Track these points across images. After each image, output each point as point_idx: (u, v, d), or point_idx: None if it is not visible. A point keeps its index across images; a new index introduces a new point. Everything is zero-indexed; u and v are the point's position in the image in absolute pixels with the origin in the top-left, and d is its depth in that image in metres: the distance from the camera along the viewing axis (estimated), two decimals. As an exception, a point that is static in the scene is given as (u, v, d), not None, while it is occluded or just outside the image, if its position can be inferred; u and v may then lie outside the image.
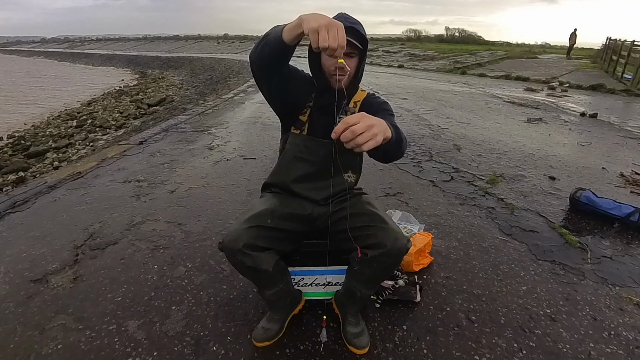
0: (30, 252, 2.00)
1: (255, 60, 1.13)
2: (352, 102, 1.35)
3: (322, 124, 1.32)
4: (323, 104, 1.32)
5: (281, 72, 1.19)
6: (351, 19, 1.22)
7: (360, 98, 1.37)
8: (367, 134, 0.87)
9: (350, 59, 1.23)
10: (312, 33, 0.92)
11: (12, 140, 7.44)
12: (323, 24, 0.92)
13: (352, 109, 1.34)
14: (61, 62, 38.34)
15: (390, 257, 1.22)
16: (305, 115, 1.34)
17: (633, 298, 1.74)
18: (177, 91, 13.25)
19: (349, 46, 1.18)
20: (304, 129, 1.35)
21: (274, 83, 1.22)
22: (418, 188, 2.93)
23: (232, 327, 1.50)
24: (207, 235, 2.19)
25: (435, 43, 31.03)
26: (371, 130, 0.88)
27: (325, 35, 0.91)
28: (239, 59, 20.33)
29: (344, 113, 1.33)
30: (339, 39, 0.92)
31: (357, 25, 1.20)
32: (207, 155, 3.71)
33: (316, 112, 1.34)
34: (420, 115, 5.74)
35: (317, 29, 0.91)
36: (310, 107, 1.34)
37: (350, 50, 1.20)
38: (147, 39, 70.81)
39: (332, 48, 0.92)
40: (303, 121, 1.35)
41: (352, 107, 1.35)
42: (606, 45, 16.75)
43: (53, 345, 1.41)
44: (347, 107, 1.33)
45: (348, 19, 1.21)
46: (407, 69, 16.08)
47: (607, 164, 3.70)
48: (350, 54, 1.21)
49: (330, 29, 0.91)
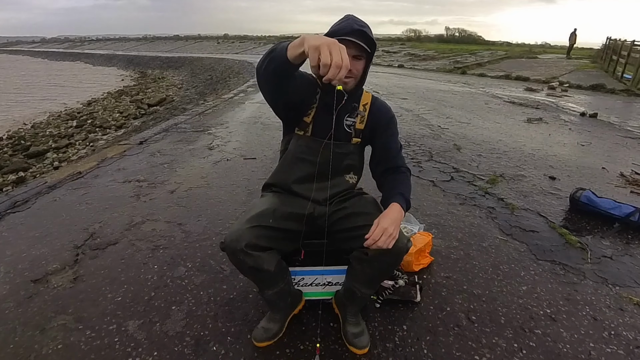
0: (31, 252, 2.00)
1: (262, 74, 1.12)
2: (362, 106, 1.36)
3: (327, 125, 1.31)
4: (329, 104, 1.31)
5: (287, 87, 1.16)
6: (360, 22, 1.22)
7: (368, 101, 1.38)
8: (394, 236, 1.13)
9: (358, 61, 1.23)
10: (313, 51, 0.89)
11: (12, 140, 7.44)
12: (324, 42, 0.88)
13: (362, 112, 1.35)
14: (60, 62, 38.34)
15: (390, 256, 1.22)
16: (309, 117, 1.34)
17: (633, 298, 1.74)
18: (177, 91, 13.26)
19: (358, 49, 1.19)
20: (308, 130, 1.35)
21: (278, 95, 1.21)
22: (418, 188, 2.93)
23: (232, 327, 1.50)
24: (207, 235, 2.19)
25: (435, 43, 31.04)
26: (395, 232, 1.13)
27: (327, 53, 0.87)
28: (239, 59, 20.34)
29: (355, 116, 1.34)
30: (343, 59, 0.88)
31: (366, 28, 1.20)
32: (207, 155, 3.72)
33: (321, 112, 1.33)
34: (420, 115, 5.74)
35: (319, 46, 0.88)
36: (315, 108, 1.34)
37: (358, 53, 1.20)
38: (147, 39, 70.83)
39: (337, 64, 0.87)
40: (307, 122, 1.34)
41: (362, 111, 1.36)
42: (606, 45, 16.75)
43: (53, 345, 1.41)
44: (358, 110, 1.35)
45: (357, 22, 1.20)
46: (407, 69, 16.08)
47: (607, 164, 3.70)
48: (358, 56, 1.21)
49: (333, 48, 0.88)
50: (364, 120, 1.36)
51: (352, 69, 1.20)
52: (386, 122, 1.39)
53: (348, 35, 1.15)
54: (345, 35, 1.15)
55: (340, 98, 1.30)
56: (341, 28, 1.18)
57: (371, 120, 1.37)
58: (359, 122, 1.36)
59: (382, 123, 1.38)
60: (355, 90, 1.32)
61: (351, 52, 1.17)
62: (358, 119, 1.35)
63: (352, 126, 1.36)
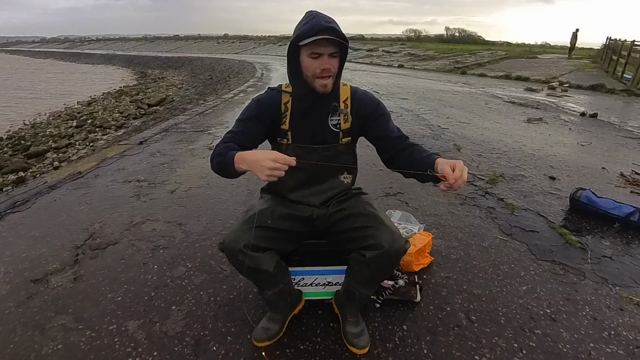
0: (31, 252, 2.00)
1: (214, 170, 1.22)
2: (342, 103, 1.32)
3: (307, 127, 1.30)
4: (304, 108, 1.29)
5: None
6: (327, 18, 1.16)
7: (347, 95, 1.33)
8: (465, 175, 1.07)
9: (334, 59, 1.20)
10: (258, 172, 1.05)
11: (12, 140, 7.44)
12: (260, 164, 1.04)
13: (345, 110, 1.31)
14: (61, 62, 38.32)
15: (388, 257, 1.22)
16: (286, 124, 1.31)
17: (633, 298, 1.74)
18: (177, 91, 13.26)
19: (334, 46, 1.17)
20: (288, 136, 1.32)
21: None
22: (418, 188, 2.93)
23: (232, 327, 1.50)
24: (207, 235, 2.19)
25: (435, 43, 31.02)
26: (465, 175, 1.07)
27: (272, 166, 1.02)
28: (239, 59, 20.35)
29: (338, 115, 1.33)
30: (285, 160, 1.02)
31: (334, 23, 1.15)
32: (207, 155, 3.70)
33: (297, 117, 1.30)
34: (421, 115, 5.74)
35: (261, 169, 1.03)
36: (288, 115, 1.30)
37: (334, 50, 1.18)
38: (147, 39, 70.83)
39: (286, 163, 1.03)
40: (285, 130, 1.32)
41: (344, 109, 1.32)
42: (606, 45, 16.75)
43: (53, 345, 1.41)
44: (340, 109, 1.31)
45: (325, 19, 1.15)
46: (407, 69, 16.08)
47: (607, 164, 3.69)
48: (334, 53, 1.19)
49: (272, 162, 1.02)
50: (348, 118, 1.32)
51: (330, 67, 1.18)
52: (374, 113, 1.33)
53: (320, 33, 1.11)
54: (318, 33, 1.11)
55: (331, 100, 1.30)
56: (311, 27, 1.13)
57: (356, 114, 1.32)
58: (344, 122, 1.32)
59: (370, 115, 1.33)
60: (335, 88, 1.27)
61: (327, 51, 1.16)
62: (342, 118, 1.32)
63: (337, 125, 1.32)
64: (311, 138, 1.31)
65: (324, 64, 1.17)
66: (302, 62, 1.20)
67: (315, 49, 1.15)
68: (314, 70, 1.18)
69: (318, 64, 1.17)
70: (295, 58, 1.21)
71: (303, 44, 1.14)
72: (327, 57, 1.17)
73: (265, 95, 1.33)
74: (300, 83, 1.24)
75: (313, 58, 1.17)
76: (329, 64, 1.17)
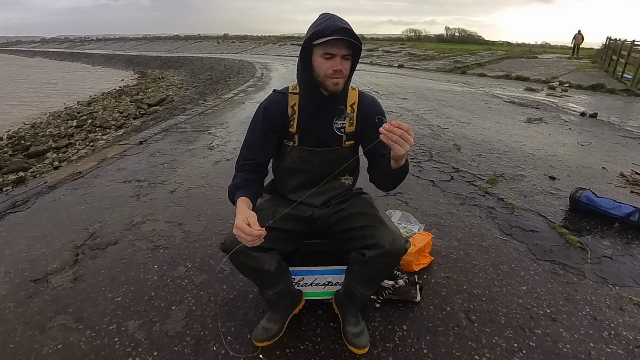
0: (30, 252, 2.00)
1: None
2: (349, 107, 1.32)
3: (313, 130, 1.30)
4: (311, 109, 1.29)
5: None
6: (342, 20, 1.16)
7: (355, 99, 1.33)
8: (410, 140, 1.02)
9: (347, 61, 1.19)
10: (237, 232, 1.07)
11: (12, 140, 7.44)
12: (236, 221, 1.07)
13: (351, 114, 1.31)
14: (61, 62, 38.33)
15: (389, 257, 1.22)
16: (293, 127, 1.31)
17: (633, 298, 1.74)
18: (177, 91, 13.25)
19: (347, 48, 1.17)
20: (295, 139, 1.32)
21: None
22: (418, 188, 2.93)
23: (232, 327, 1.50)
24: (207, 235, 2.19)
25: (435, 43, 31.05)
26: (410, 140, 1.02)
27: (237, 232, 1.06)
28: (239, 59, 20.34)
29: (343, 118, 1.33)
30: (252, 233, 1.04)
31: (349, 25, 1.15)
32: (207, 155, 3.71)
33: (304, 119, 1.30)
34: (421, 115, 5.74)
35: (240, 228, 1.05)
36: (296, 118, 1.30)
37: (347, 52, 1.17)
38: (147, 39, 70.86)
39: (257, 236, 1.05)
40: (293, 132, 1.32)
41: (351, 112, 1.31)
42: (606, 45, 16.75)
43: (53, 345, 1.41)
44: (346, 113, 1.31)
45: (339, 20, 1.16)
46: (407, 69, 16.08)
47: (607, 164, 3.69)
48: (347, 56, 1.18)
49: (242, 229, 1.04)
50: (354, 122, 1.32)
51: (342, 69, 1.17)
52: (376, 123, 1.26)
53: (335, 33, 1.11)
54: (333, 34, 1.11)
55: (339, 102, 1.31)
56: (326, 27, 1.13)
57: (361, 119, 1.32)
58: (349, 125, 1.32)
59: (372, 123, 1.28)
60: (345, 90, 1.27)
61: (341, 52, 1.16)
62: (348, 122, 1.31)
63: (342, 129, 1.32)
64: (316, 141, 1.31)
65: (336, 65, 1.16)
66: (314, 61, 1.19)
67: (329, 49, 1.15)
68: (326, 70, 1.18)
69: (330, 64, 1.17)
70: (307, 57, 1.20)
71: (317, 44, 1.14)
72: (339, 58, 1.16)
73: (271, 100, 1.34)
74: (309, 83, 1.24)
75: (326, 58, 1.17)
76: (341, 66, 1.17)
